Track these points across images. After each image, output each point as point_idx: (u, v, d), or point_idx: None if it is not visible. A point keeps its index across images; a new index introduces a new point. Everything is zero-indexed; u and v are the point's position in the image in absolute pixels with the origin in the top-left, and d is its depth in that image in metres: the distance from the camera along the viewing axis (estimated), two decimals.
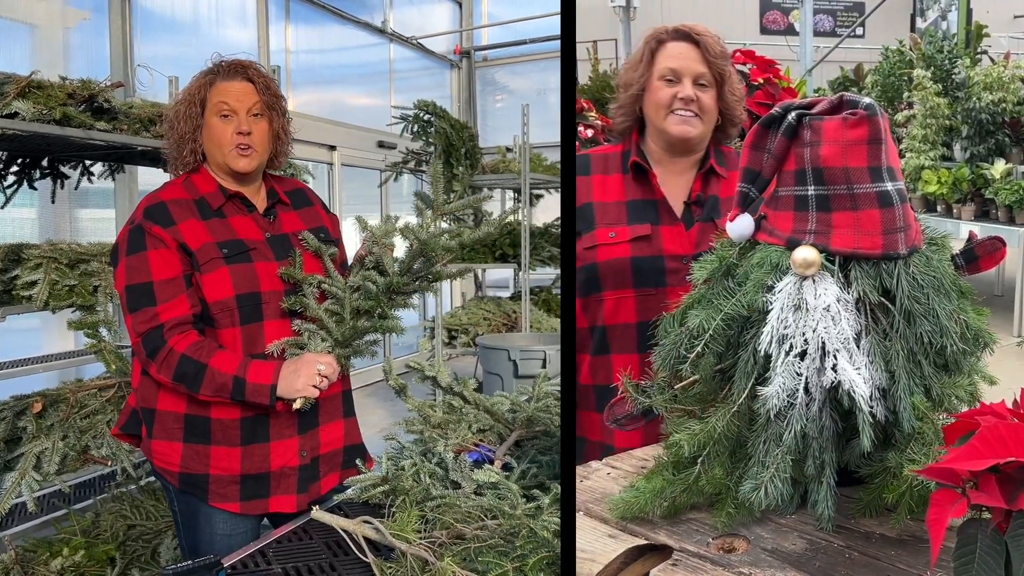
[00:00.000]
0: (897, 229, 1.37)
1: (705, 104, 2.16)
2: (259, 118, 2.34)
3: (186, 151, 2.35)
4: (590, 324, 2.21)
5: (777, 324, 1.36)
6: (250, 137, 2.31)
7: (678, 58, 2.17)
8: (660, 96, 2.17)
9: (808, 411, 1.35)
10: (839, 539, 1.34)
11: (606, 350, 2.19)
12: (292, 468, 2.32)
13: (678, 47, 2.19)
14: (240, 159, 2.31)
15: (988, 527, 1.07)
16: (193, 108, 2.33)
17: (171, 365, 2.18)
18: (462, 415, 2.44)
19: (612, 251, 2.12)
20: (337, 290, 2.29)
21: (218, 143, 2.31)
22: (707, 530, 1.39)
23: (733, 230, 1.47)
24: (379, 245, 2.32)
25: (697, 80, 2.16)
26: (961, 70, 6.91)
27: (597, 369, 2.18)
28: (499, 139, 9.69)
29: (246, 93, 2.33)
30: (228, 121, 2.31)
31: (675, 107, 2.15)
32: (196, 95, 2.34)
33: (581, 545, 1.37)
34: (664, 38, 2.21)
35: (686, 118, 2.15)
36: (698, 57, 2.17)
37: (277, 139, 2.40)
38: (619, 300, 2.15)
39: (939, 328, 1.37)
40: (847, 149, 1.37)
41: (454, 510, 1.78)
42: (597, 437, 2.15)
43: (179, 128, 2.35)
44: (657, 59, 2.20)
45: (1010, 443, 1.06)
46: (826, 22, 14.94)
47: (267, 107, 2.35)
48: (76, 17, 6.30)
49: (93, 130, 3.32)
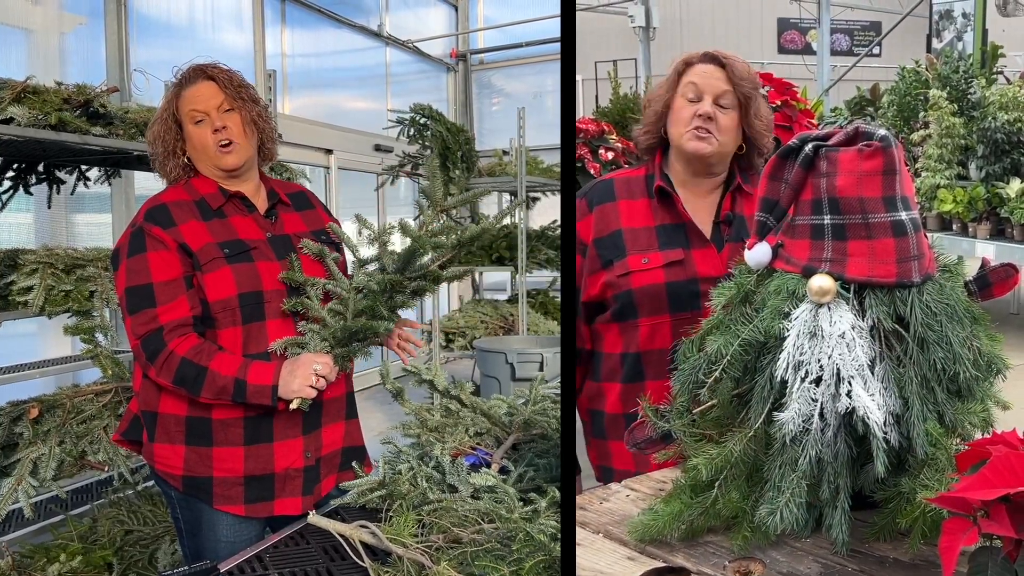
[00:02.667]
0: (911, 257, 1.39)
1: (723, 124, 2.15)
2: (230, 112, 2.34)
3: (171, 166, 2.37)
4: (623, 351, 2.21)
5: (793, 351, 1.38)
6: (227, 131, 2.32)
7: (701, 76, 2.16)
8: (681, 114, 2.16)
9: (823, 436, 1.38)
10: (853, 563, 1.36)
11: (640, 377, 2.18)
12: (297, 470, 2.32)
13: (703, 68, 2.18)
14: (225, 156, 2.32)
15: (999, 555, 1.10)
16: (168, 125, 2.35)
17: (171, 368, 2.18)
18: (459, 418, 2.43)
19: (646, 277, 2.12)
20: (342, 291, 2.29)
21: (201, 148, 2.33)
22: (724, 553, 1.41)
23: (751, 258, 1.49)
24: (379, 243, 2.33)
25: (718, 99, 2.15)
26: (976, 90, 6.96)
27: (630, 397, 2.12)
28: (495, 142, 9.67)
29: (211, 93, 2.34)
30: (203, 125, 2.32)
31: (693, 124, 2.14)
32: (166, 112, 2.37)
33: (601, 567, 1.39)
34: (692, 61, 2.21)
35: (701, 135, 2.13)
36: (722, 77, 2.16)
37: (255, 125, 2.40)
38: (655, 326, 2.15)
39: (952, 355, 1.39)
40: (862, 180, 1.39)
41: (451, 514, 1.78)
42: (629, 467, 2.11)
43: (160, 147, 2.36)
44: (682, 79, 2.19)
45: (1020, 473, 1.08)
46: (843, 41, 15.00)
47: (235, 99, 2.36)
48: (72, 22, 6.26)
49: (89, 135, 3.31)
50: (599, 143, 5.07)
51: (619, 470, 2.18)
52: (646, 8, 10.39)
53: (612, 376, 2.24)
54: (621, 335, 2.21)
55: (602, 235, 2.22)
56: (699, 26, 14.49)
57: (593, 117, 5.61)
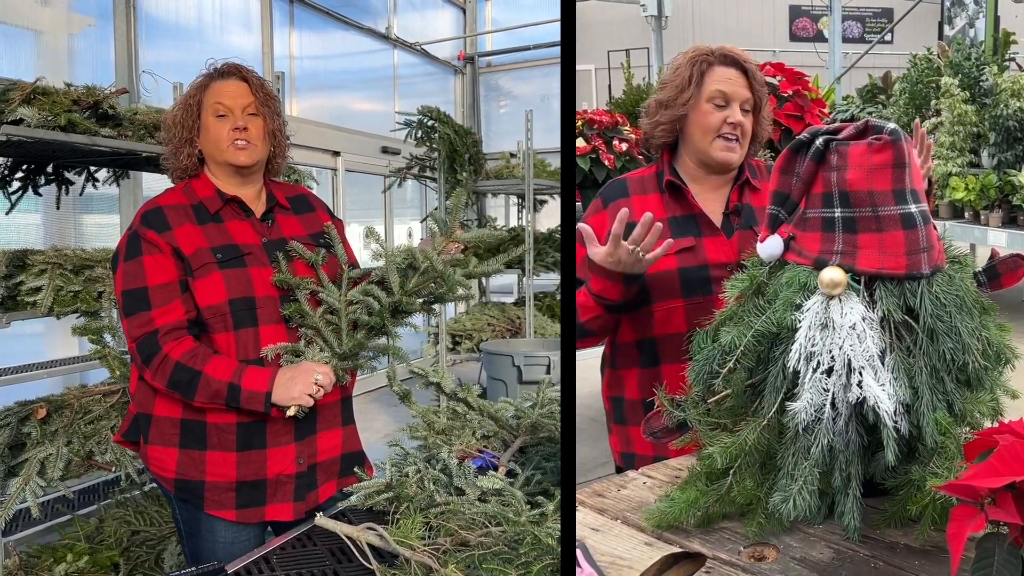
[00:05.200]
0: (920, 250, 1.41)
1: (747, 129, 2.23)
2: (255, 116, 2.36)
3: (183, 155, 2.37)
4: (638, 338, 2.26)
5: (805, 342, 1.40)
6: (247, 132, 2.33)
7: (728, 82, 2.22)
8: (710, 120, 2.21)
9: (835, 425, 1.40)
10: (865, 549, 1.39)
11: (656, 361, 2.24)
12: (289, 476, 2.30)
13: (727, 72, 2.23)
14: (239, 153, 2.32)
15: (1005, 542, 1.12)
16: (190, 112, 2.36)
17: (165, 372, 2.18)
18: (466, 421, 2.42)
19: (660, 264, 2.15)
20: (332, 301, 2.28)
21: (216, 141, 2.33)
22: (738, 539, 1.44)
23: (763, 250, 1.51)
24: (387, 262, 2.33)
25: (743, 105, 2.22)
26: (988, 77, 6.93)
27: (647, 382, 2.17)
28: (503, 144, 9.68)
29: (241, 92, 2.36)
30: (224, 120, 2.33)
31: (723, 131, 2.20)
32: (192, 99, 2.37)
33: (619, 552, 1.42)
34: (712, 60, 2.25)
35: (730, 144, 2.21)
36: (745, 83, 2.23)
37: (273, 137, 2.42)
38: (669, 311, 2.19)
39: (961, 345, 1.42)
40: (872, 173, 1.41)
41: (458, 517, 1.78)
42: (649, 452, 2.16)
43: (177, 132, 2.37)
44: (707, 82, 2.23)
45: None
46: (855, 28, 15.02)
47: (262, 105, 2.37)
48: (81, 23, 6.28)
49: (98, 136, 3.31)
50: (613, 134, 5.06)
51: (640, 455, 2.22)
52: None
53: (630, 363, 2.29)
54: (637, 322, 2.25)
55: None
56: (711, 14, 14.50)
57: (607, 108, 5.61)
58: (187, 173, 2.40)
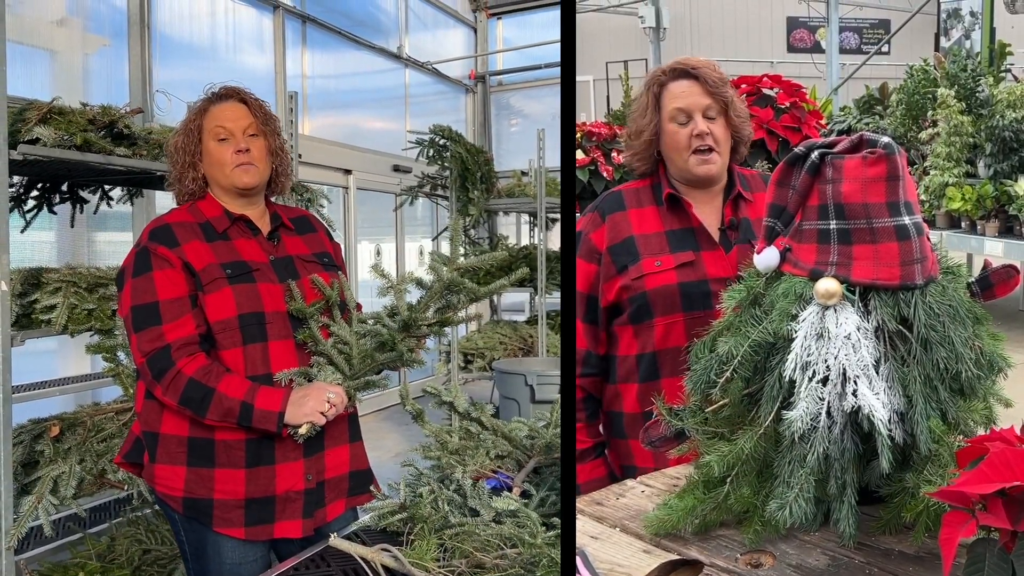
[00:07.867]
0: (914, 260, 1.43)
1: (718, 135, 2.24)
2: (255, 137, 2.39)
3: (188, 179, 2.39)
4: (639, 352, 2.27)
5: (801, 351, 1.42)
6: (249, 154, 2.36)
7: (683, 96, 2.25)
8: (677, 139, 2.25)
9: (830, 434, 1.41)
10: (860, 555, 1.40)
11: (656, 375, 2.25)
12: (298, 492, 2.30)
13: (679, 86, 2.26)
14: (243, 175, 2.35)
15: (996, 547, 1.14)
16: (191, 137, 2.39)
17: (178, 388, 2.18)
18: (479, 441, 2.39)
19: (659, 279, 2.19)
20: (344, 335, 2.30)
21: (219, 164, 2.36)
22: (735, 546, 1.45)
23: (760, 262, 1.53)
24: (395, 291, 2.36)
25: (705, 113, 2.24)
26: (984, 88, 6.96)
27: (646, 396, 2.16)
28: (514, 163, 9.74)
29: (240, 114, 2.39)
30: (226, 144, 2.36)
31: (693, 145, 2.23)
32: (192, 124, 2.40)
33: (618, 560, 1.44)
34: (664, 79, 2.28)
35: (705, 156, 2.23)
36: (700, 91, 2.24)
37: (275, 157, 2.45)
38: (670, 325, 2.21)
39: (955, 354, 1.43)
40: (867, 186, 1.44)
41: (473, 538, 1.77)
42: (650, 464, 2.14)
43: (180, 158, 2.39)
44: (663, 102, 2.27)
45: (1016, 468, 1.13)
46: (852, 39, 15.10)
47: (262, 125, 2.41)
48: (96, 43, 6.35)
49: (113, 155, 3.32)
50: (611, 146, 5.10)
51: (640, 467, 2.22)
52: (656, 8, 10.43)
53: (629, 377, 2.30)
54: (637, 336, 2.27)
55: (615, 243, 2.29)
56: (708, 26, 14.60)
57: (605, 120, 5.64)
58: (193, 196, 2.42)
